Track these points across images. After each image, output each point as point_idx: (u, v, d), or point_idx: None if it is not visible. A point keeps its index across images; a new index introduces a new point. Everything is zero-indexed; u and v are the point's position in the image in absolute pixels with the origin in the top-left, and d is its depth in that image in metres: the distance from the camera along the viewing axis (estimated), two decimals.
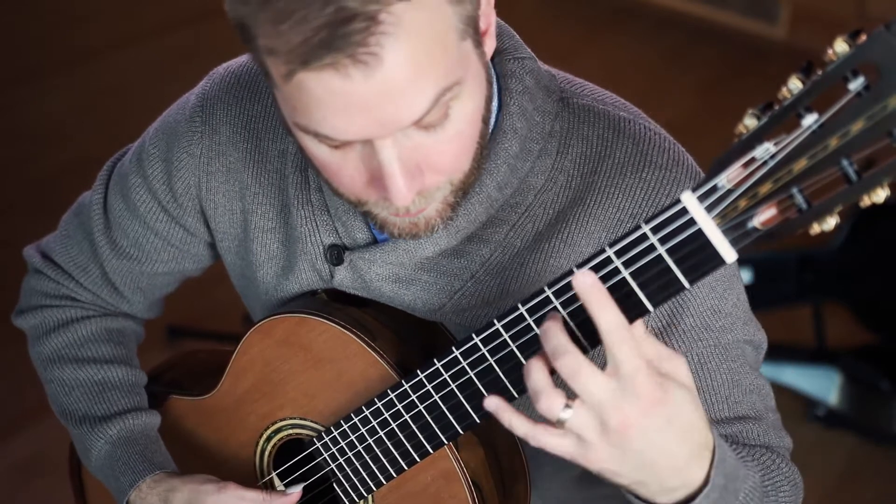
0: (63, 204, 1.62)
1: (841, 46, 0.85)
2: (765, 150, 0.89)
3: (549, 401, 0.95)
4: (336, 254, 1.25)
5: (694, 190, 0.91)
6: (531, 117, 1.18)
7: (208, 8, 4.78)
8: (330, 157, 1.06)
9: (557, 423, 0.96)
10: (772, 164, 0.88)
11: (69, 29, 4.50)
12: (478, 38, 1.06)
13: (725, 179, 0.90)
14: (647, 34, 4.64)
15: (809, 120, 0.87)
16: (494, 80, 1.17)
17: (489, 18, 1.09)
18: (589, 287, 0.94)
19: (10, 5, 4.63)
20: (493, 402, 1.00)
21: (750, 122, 0.91)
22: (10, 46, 4.38)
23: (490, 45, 1.10)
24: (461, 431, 1.13)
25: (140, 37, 4.47)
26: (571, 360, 0.94)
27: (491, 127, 1.17)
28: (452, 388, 1.10)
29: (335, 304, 1.25)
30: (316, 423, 1.24)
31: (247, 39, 1.01)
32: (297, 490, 1.26)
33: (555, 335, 0.96)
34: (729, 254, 0.92)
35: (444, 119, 1.03)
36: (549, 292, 1.00)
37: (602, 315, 0.94)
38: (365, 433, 1.18)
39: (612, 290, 0.97)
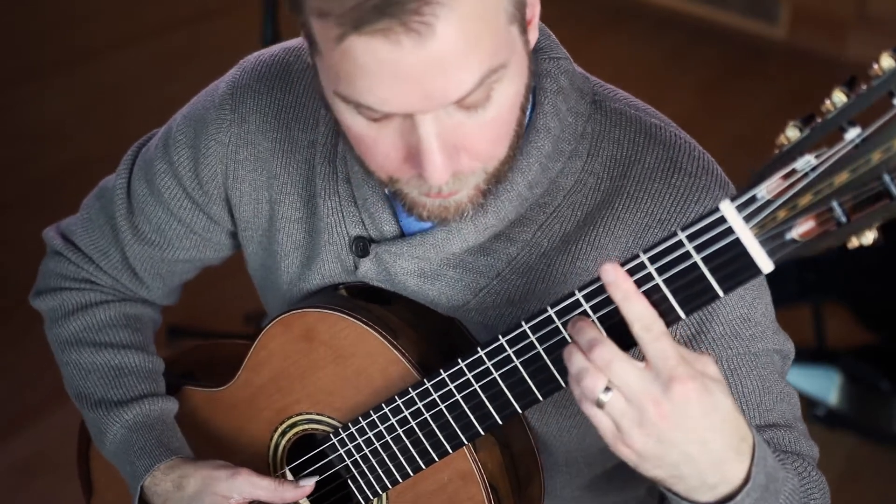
0: (63, 204, 1.62)
1: (888, 62, 0.86)
2: (806, 162, 0.89)
3: (592, 380, 0.96)
4: (362, 246, 1.25)
5: (733, 199, 0.92)
6: (564, 118, 1.18)
7: (208, 8, 4.78)
8: (367, 130, 1.05)
9: (597, 405, 0.96)
10: (813, 176, 0.88)
11: (69, 29, 4.50)
12: (524, 25, 1.06)
13: (765, 190, 0.90)
14: (648, 34, 4.65)
15: (852, 134, 0.87)
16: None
17: (534, 9, 1.10)
18: (616, 278, 0.95)
19: (10, 5, 4.63)
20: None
21: (792, 134, 0.90)
22: (10, 46, 4.38)
23: (533, 36, 1.10)
24: (482, 432, 1.13)
25: (140, 37, 4.47)
26: (605, 350, 0.95)
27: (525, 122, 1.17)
28: (475, 389, 1.10)
29: (357, 300, 1.25)
30: (333, 419, 1.24)
31: (294, 3, 1.01)
32: (310, 483, 1.26)
33: (588, 328, 0.97)
34: (766, 264, 0.92)
35: (486, 101, 1.03)
36: (579, 295, 1.01)
37: (630, 306, 0.95)
38: (383, 430, 1.18)
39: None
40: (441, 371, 1.12)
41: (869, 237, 0.88)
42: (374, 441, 1.20)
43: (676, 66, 4.43)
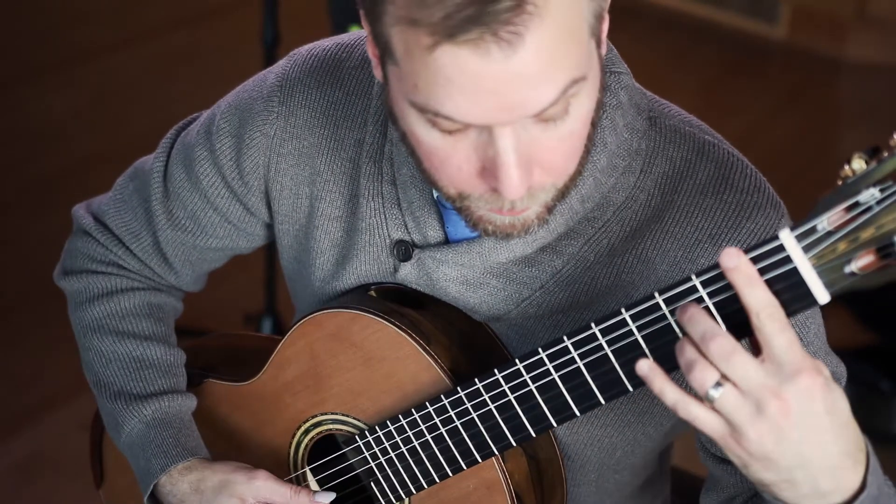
0: (63, 204, 1.62)
1: None
2: (870, 195, 0.88)
3: (703, 373, 0.93)
4: (404, 249, 1.24)
5: (792, 229, 0.91)
6: (620, 133, 1.17)
7: (208, 8, 4.77)
8: (440, 142, 1.04)
9: (706, 400, 0.94)
10: (877, 209, 0.87)
11: (70, 29, 4.50)
12: (599, 39, 1.06)
13: (826, 221, 0.90)
14: (648, 34, 4.64)
15: None
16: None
17: (606, 24, 1.09)
18: (739, 263, 0.92)
19: (10, 5, 4.63)
20: (645, 366, 0.97)
21: (857, 166, 0.89)
22: (10, 46, 4.38)
23: (603, 52, 1.10)
24: (514, 444, 1.13)
25: (140, 37, 4.47)
26: (725, 341, 0.93)
27: None
28: (510, 400, 1.10)
29: (390, 303, 1.24)
30: (359, 420, 1.24)
31: (372, 11, 1.01)
32: (327, 499, 1.25)
33: (702, 317, 0.94)
34: (822, 295, 0.91)
35: (563, 114, 1.02)
36: (626, 314, 1.00)
37: (753, 293, 0.92)
38: (412, 436, 1.18)
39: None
40: (476, 381, 1.12)
41: None
42: (402, 446, 1.19)
43: (677, 67, 4.43)
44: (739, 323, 0.95)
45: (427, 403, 1.16)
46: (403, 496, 1.23)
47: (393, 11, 0.99)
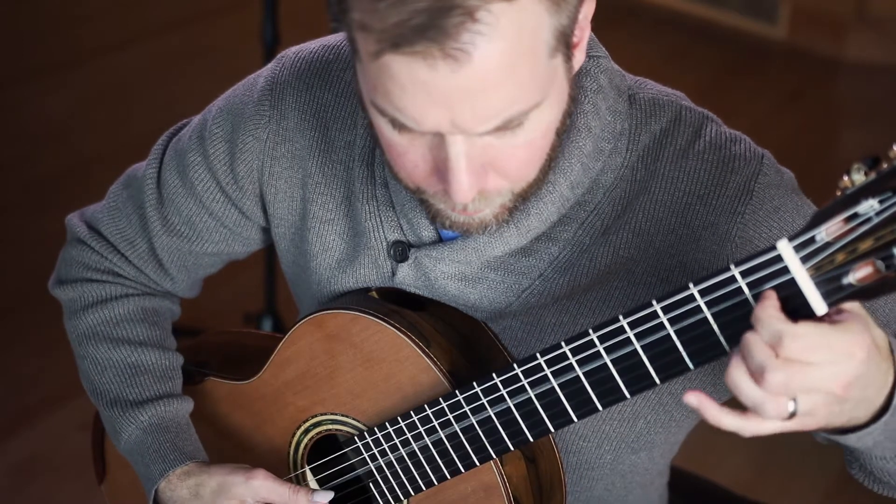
0: (63, 204, 1.62)
1: None
2: (869, 206, 0.88)
3: (777, 406, 0.93)
4: (401, 250, 1.24)
5: (791, 239, 0.91)
6: (603, 117, 1.18)
7: (208, 8, 4.77)
8: (398, 139, 1.06)
9: (787, 416, 0.95)
10: (876, 221, 0.87)
11: (69, 29, 4.50)
12: (568, 52, 1.05)
13: (825, 232, 0.90)
14: (647, 34, 4.64)
15: None
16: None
17: (584, 32, 1.09)
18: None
19: (11, 5, 4.63)
20: (694, 399, 0.97)
21: (856, 177, 0.89)
22: (10, 46, 4.38)
23: (579, 59, 1.09)
24: (512, 448, 1.13)
25: (140, 37, 4.47)
26: (783, 375, 0.92)
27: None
28: (509, 405, 1.10)
29: (390, 304, 1.24)
30: (358, 421, 1.24)
31: (340, 10, 1.02)
32: (325, 498, 1.25)
33: (775, 320, 0.92)
34: (820, 306, 0.91)
35: (517, 126, 1.03)
36: (623, 322, 1.00)
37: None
38: (410, 438, 1.18)
39: (688, 329, 0.97)
40: (474, 385, 1.12)
41: None
42: (401, 448, 1.20)
43: (676, 66, 4.43)
44: (739, 332, 0.95)
45: (426, 406, 1.16)
46: (402, 497, 1.23)
47: (352, 13, 1.00)
